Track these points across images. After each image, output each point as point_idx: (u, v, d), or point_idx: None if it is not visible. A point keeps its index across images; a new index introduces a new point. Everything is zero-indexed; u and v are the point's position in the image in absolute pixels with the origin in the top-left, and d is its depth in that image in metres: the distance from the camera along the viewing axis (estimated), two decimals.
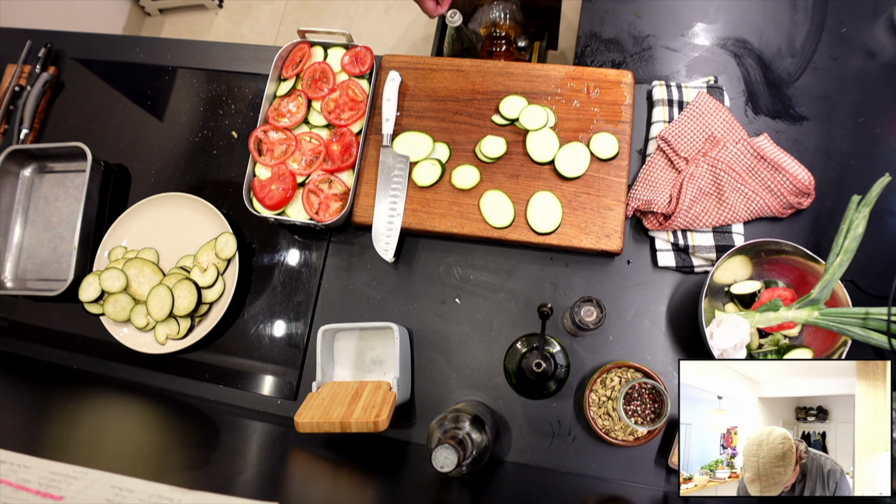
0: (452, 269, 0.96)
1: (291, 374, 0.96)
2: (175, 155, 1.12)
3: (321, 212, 0.96)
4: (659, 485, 0.84)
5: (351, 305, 0.98)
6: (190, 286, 0.96)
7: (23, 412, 0.83)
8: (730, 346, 0.80)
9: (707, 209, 0.90)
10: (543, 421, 0.88)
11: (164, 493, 0.49)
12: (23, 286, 1.07)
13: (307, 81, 1.03)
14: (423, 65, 1.02)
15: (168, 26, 2.55)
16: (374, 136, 1.00)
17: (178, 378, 0.99)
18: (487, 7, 1.39)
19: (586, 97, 0.96)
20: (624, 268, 0.93)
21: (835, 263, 0.77)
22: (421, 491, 0.77)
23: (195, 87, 1.15)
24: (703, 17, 1.07)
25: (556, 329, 0.91)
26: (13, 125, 1.14)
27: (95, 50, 1.23)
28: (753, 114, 0.99)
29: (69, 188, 1.12)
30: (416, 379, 0.92)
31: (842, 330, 0.78)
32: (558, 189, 0.93)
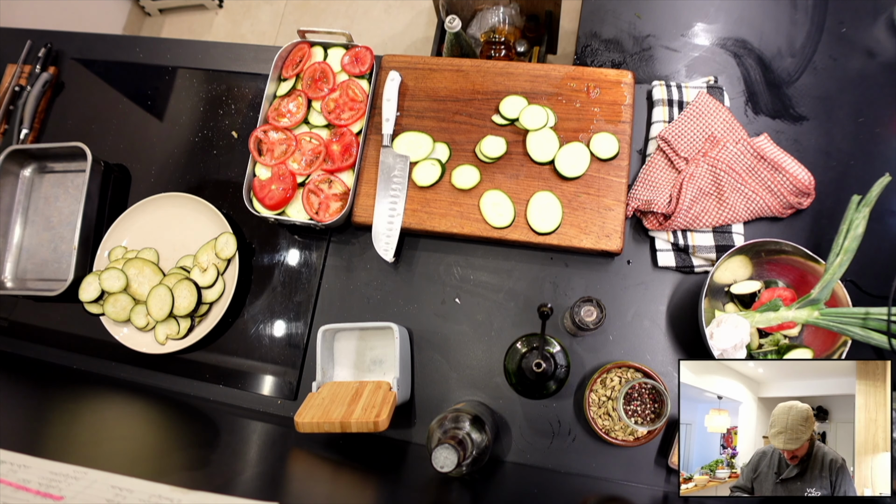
0: (452, 269, 0.96)
1: (291, 374, 0.96)
2: (175, 155, 1.12)
3: (321, 212, 0.96)
4: (659, 485, 0.84)
5: (351, 305, 0.98)
6: (190, 286, 0.96)
7: (23, 412, 0.83)
8: (730, 346, 0.80)
9: (707, 209, 0.90)
10: (543, 421, 0.88)
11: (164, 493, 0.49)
12: (23, 286, 1.07)
13: (307, 81, 1.03)
14: (423, 65, 1.02)
15: (168, 26, 2.55)
16: (374, 136, 1.00)
17: (178, 378, 0.99)
18: (486, 12, 1.39)
19: (586, 97, 0.96)
20: (624, 268, 0.93)
21: (835, 263, 0.77)
22: (421, 491, 0.77)
23: (195, 87, 1.15)
24: (703, 17, 1.07)
25: (556, 329, 0.91)
26: (13, 125, 1.14)
27: (95, 50, 1.23)
28: (753, 114, 0.99)
29: (69, 188, 1.12)
30: (416, 379, 0.92)
31: (842, 330, 0.78)
32: (558, 189, 0.93)
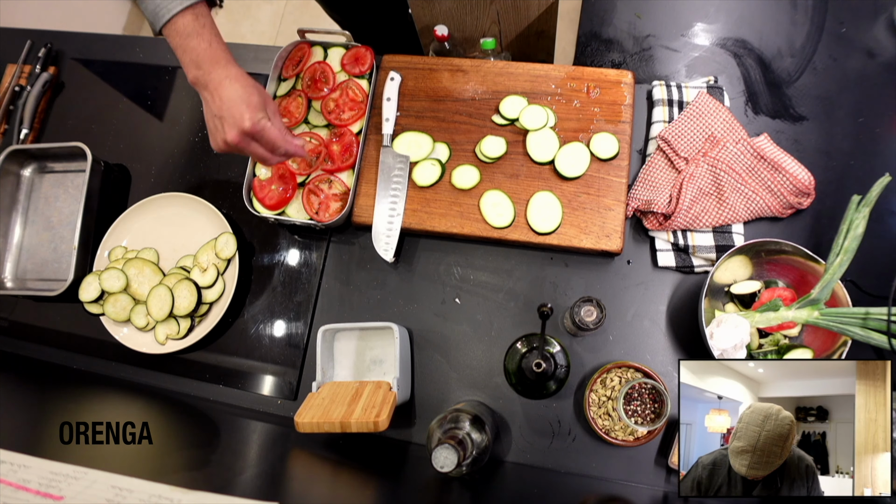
0: (452, 269, 0.96)
1: (291, 374, 0.96)
2: (175, 155, 1.12)
3: (321, 212, 0.96)
4: (659, 485, 0.84)
5: (351, 305, 0.98)
6: (190, 286, 0.96)
7: (23, 412, 0.83)
8: (730, 346, 0.80)
9: (707, 209, 0.90)
10: (543, 421, 0.88)
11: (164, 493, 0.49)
12: (23, 286, 1.07)
13: (307, 81, 1.03)
14: (423, 65, 1.02)
15: None
16: (374, 136, 1.00)
17: (178, 378, 0.99)
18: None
19: (586, 97, 0.96)
20: (624, 268, 0.93)
21: (835, 263, 0.77)
22: (421, 491, 0.77)
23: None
24: (703, 17, 1.07)
25: (556, 329, 0.91)
26: (13, 125, 1.14)
27: (95, 50, 1.23)
28: (753, 114, 0.99)
29: (69, 188, 1.12)
30: (416, 379, 0.92)
31: (842, 330, 0.78)
32: (558, 189, 0.93)
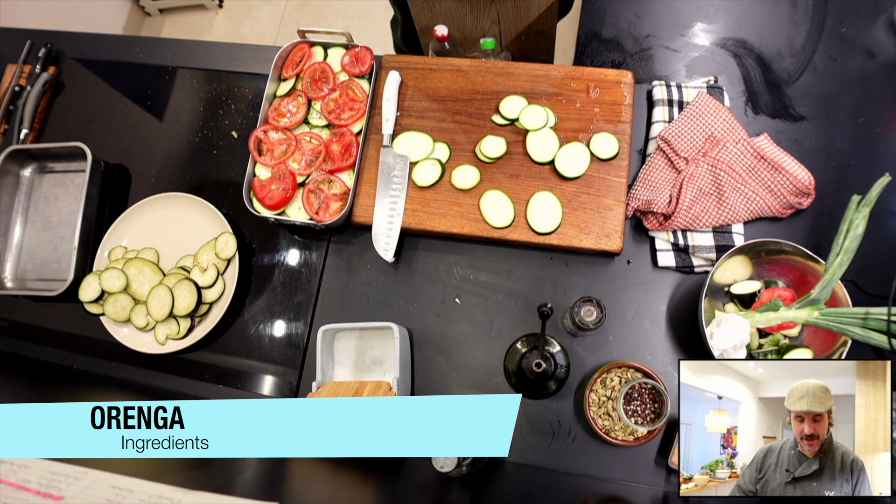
0: (452, 269, 0.96)
1: (291, 374, 0.96)
2: (175, 155, 1.12)
3: (321, 212, 0.96)
4: (659, 485, 0.84)
5: (351, 305, 0.98)
6: (190, 286, 0.96)
7: None
8: (730, 346, 0.80)
9: (707, 209, 0.90)
10: (543, 421, 0.88)
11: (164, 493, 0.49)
12: (23, 286, 1.07)
13: (307, 81, 1.03)
14: (423, 65, 1.02)
15: (168, 26, 2.55)
16: (374, 136, 1.00)
17: (178, 378, 0.99)
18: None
19: (586, 97, 0.96)
20: (624, 268, 0.93)
21: (835, 263, 0.77)
22: (421, 491, 0.77)
23: (195, 87, 1.15)
24: (703, 17, 1.07)
25: (556, 329, 0.91)
26: (13, 125, 1.14)
27: (95, 50, 1.23)
28: (753, 114, 0.99)
29: (69, 188, 1.12)
30: (416, 379, 0.92)
31: (842, 330, 0.78)
32: (558, 189, 0.93)
